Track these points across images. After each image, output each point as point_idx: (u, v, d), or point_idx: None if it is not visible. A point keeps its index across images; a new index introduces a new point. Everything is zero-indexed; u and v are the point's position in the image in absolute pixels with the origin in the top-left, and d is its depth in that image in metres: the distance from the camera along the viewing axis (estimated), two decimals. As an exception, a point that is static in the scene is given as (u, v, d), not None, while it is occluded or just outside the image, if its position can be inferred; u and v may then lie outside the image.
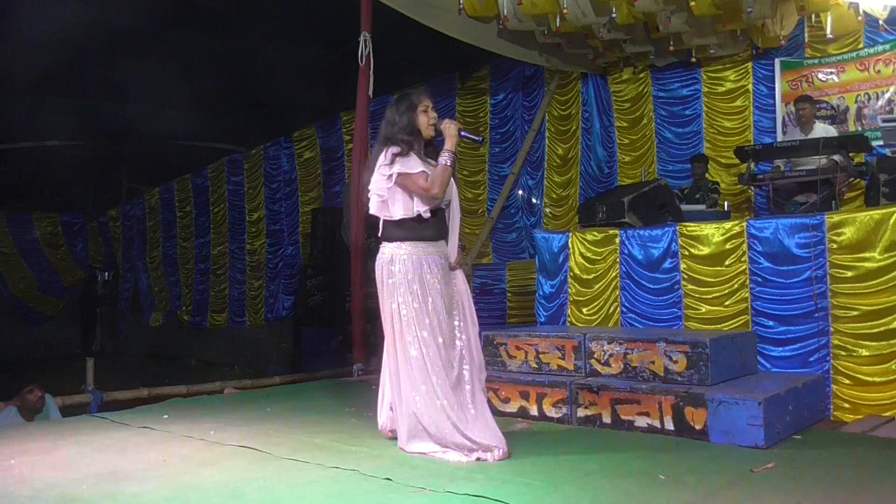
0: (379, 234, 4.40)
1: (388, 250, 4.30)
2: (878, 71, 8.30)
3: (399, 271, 4.22)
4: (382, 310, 4.32)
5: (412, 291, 4.19)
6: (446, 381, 4.13)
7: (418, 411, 4.12)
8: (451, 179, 4.33)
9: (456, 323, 4.30)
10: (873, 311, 5.35)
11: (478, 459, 4.01)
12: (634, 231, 6.63)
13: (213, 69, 10.69)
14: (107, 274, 18.36)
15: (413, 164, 4.21)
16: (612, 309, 6.64)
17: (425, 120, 4.32)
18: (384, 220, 4.33)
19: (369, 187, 4.32)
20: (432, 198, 4.23)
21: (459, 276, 4.45)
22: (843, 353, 5.45)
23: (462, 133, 4.43)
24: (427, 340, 4.14)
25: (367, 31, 7.73)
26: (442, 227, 4.40)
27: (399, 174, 4.18)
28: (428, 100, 4.43)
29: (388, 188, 4.23)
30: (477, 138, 4.81)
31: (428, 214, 4.27)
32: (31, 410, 6.54)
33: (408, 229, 4.28)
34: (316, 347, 12.09)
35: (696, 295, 6.20)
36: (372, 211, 4.34)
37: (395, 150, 4.23)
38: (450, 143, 4.30)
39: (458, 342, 4.27)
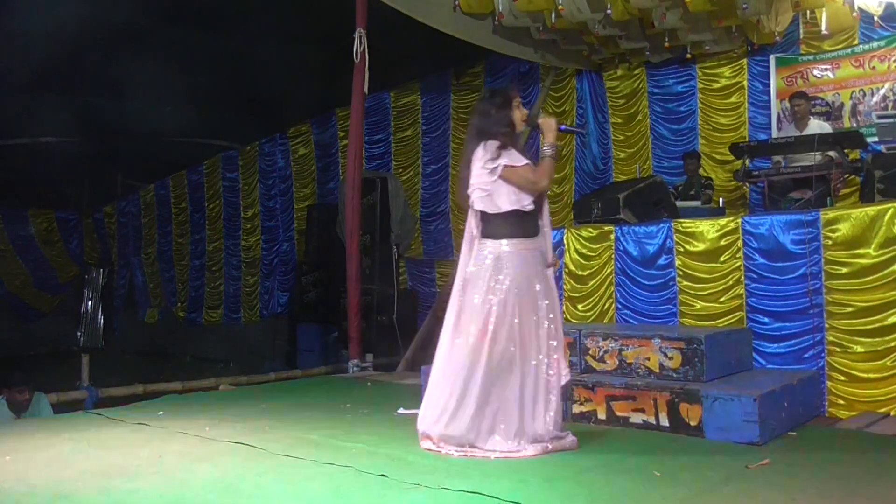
0: (475, 231, 4.33)
1: (494, 248, 4.23)
2: (874, 67, 8.31)
3: (508, 272, 4.16)
4: (468, 303, 4.21)
5: (519, 290, 4.15)
6: (538, 378, 4.13)
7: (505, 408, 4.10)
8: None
9: (550, 316, 4.27)
10: (868, 307, 5.37)
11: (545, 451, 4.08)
12: (629, 227, 6.64)
13: (209, 65, 10.65)
14: (94, 271, 18.25)
15: (517, 158, 4.21)
16: (606, 305, 6.65)
17: (519, 115, 4.34)
18: (487, 216, 4.26)
19: (470, 181, 4.26)
20: (540, 190, 4.28)
21: (550, 273, 4.41)
22: (838, 350, 5.47)
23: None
24: (523, 339, 4.13)
25: (363, 27, 7.74)
26: (537, 222, 4.36)
27: (505, 167, 4.17)
28: (519, 95, 4.47)
29: (492, 181, 4.19)
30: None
31: (531, 207, 4.24)
32: (18, 408, 6.67)
33: (514, 225, 4.23)
34: (311, 344, 12.07)
35: (691, 291, 6.21)
36: (477, 207, 4.26)
37: (496, 143, 4.22)
38: (551, 137, 4.32)
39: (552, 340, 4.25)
